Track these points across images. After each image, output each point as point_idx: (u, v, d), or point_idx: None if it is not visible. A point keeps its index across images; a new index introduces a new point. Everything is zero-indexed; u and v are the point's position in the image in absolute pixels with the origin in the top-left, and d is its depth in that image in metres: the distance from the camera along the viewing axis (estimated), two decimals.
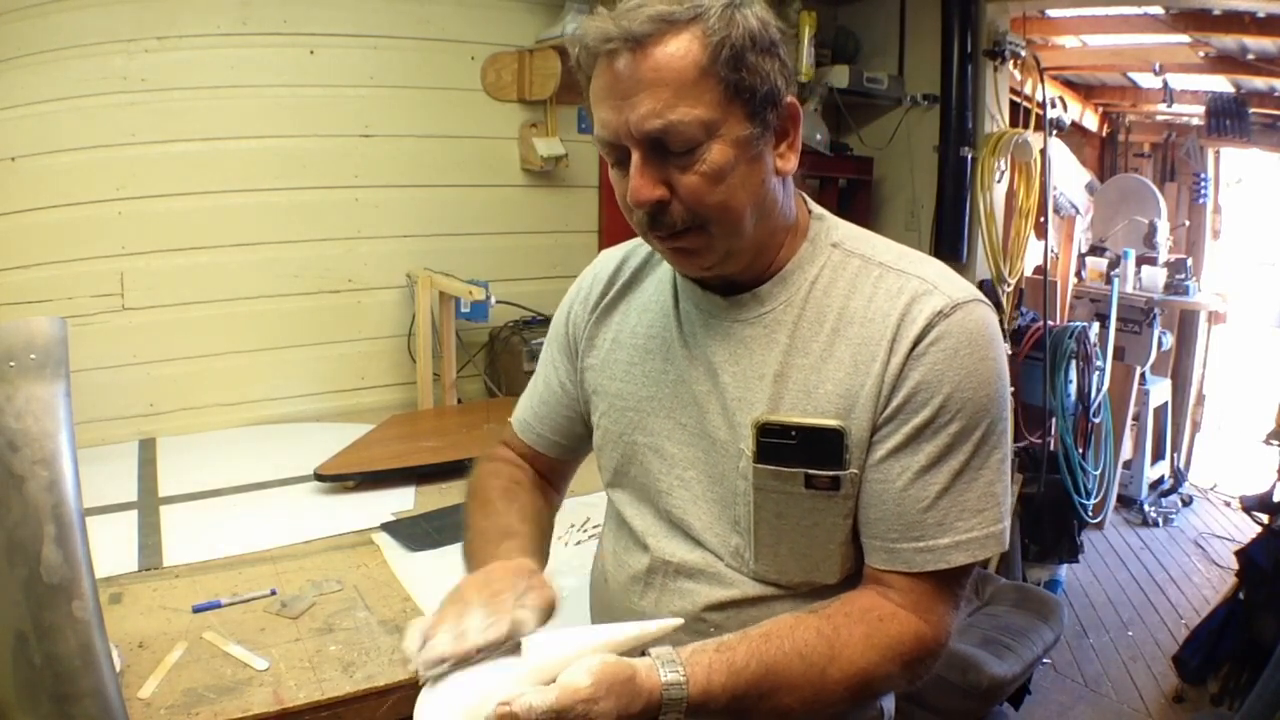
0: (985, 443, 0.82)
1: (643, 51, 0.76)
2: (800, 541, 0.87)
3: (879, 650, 0.79)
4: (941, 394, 0.80)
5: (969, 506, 0.81)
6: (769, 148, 0.83)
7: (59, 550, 0.85)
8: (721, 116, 0.77)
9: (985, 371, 0.81)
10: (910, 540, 0.82)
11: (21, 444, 0.85)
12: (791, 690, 0.76)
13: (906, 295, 0.83)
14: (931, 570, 0.82)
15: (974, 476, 0.82)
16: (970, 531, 0.81)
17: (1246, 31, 3.24)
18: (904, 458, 0.82)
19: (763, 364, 0.87)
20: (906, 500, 0.82)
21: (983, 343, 0.82)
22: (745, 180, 0.80)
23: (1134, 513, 4.29)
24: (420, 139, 2.43)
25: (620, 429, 0.98)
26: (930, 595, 0.83)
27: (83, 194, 2.05)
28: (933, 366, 0.80)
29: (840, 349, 0.84)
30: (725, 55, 0.76)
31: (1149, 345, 4.20)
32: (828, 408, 0.84)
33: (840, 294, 0.86)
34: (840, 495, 0.84)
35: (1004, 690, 2.20)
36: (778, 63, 0.80)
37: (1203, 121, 4.50)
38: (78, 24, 1.98)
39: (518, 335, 2.47)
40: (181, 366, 2.20)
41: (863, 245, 0.89)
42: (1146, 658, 3.02)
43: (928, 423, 0.81)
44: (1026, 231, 2.96)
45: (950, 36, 2.70)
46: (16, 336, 0.87)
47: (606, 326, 1.02)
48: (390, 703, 1.15)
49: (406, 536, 1.59)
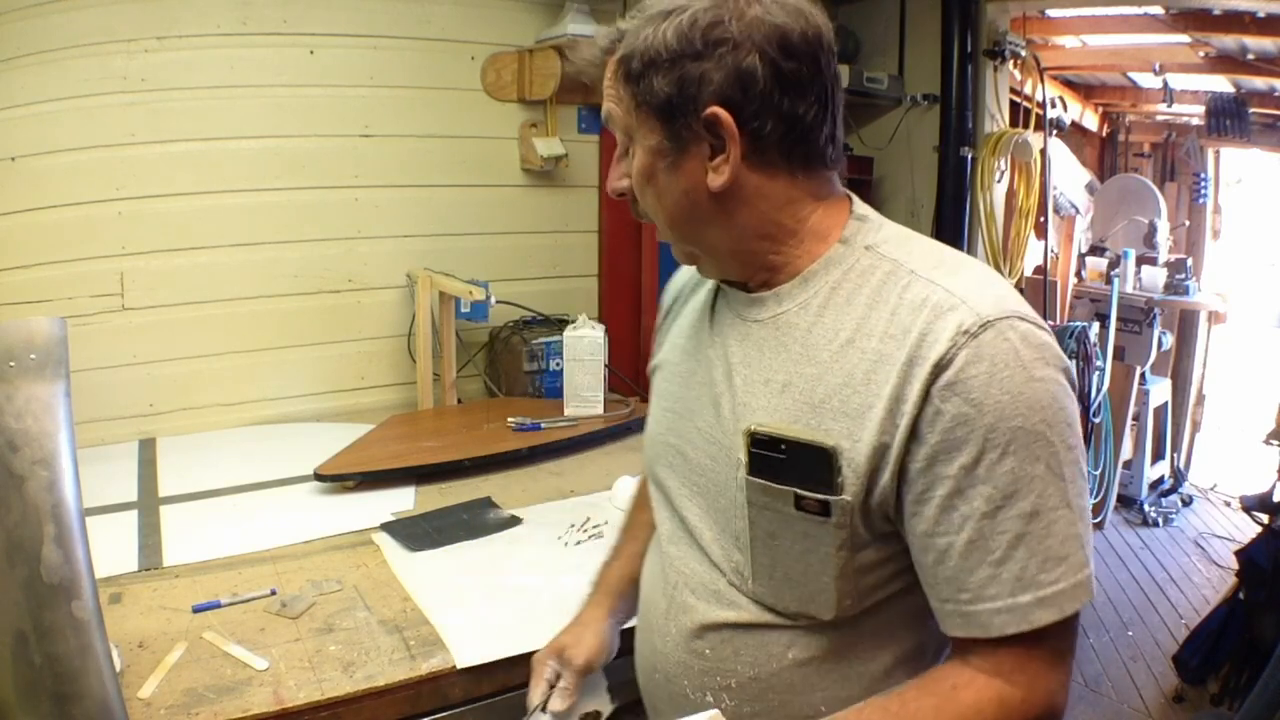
0: (1057, 478, 0.70)
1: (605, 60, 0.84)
2: (794, 567, 0.80)
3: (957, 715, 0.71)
4: (984, 425, 0.70)
5: (1052, 554, 0.70)
6: (695, 160, 0.79)
7: (59, 550, 0.85)
8: (635, 124, 0.81)
9: (1035, 395, 0.70)
10: (986, 601, 0.71)
11: (21, 444, 0.85)
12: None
13: (928, 310, 0.73)
14: (1015, 633, 0.71)
15: (1051, 519, 0.70)
16: (1056, 584, 0.70)
17: (1246, 31, 3.24)
18: (961, 506, 0.71)
19: (770, 369, 0.82)
20: (974, 555, 0.71)
21: (1028, 361, 0.70)
22: (667, 188, 0.82)
23: (1134, 513, 4.29)
24: (420, 139, 2.44)
25: (659, 430, 0.97)
26: (1019, 658, 0.72)
27: (83, 194, 2.05)
28: (968, 395, 0.70)
29: (851, 361, 0.77)
30: (624, 70, 0.80)
31: (1149, 345, 4.20)
32: (831, 425, 0.76)
33: (863, 302, 0.78)
34: (832, 523, 0.76)
35: None
36: (700, 70, 0.76)
37: (1203, 121, 4.51)
38: (78, 24, 1.98)
39: (518, 335, 2.47)
40: (181, 366, 2.20)
41: (897, 249, 0.81)
42: (1146, 658, 3.02)
43: (976, 461, 0.70)
44: (1026, 231, 2.96)
45: (950, 36, 2.70)
46: (16, 336, 0.87)
47: (672, 326, 1.02)
48: (390, 702, 1.15)
49: (406, 536, 1.59)
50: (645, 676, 0.99)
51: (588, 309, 2.62)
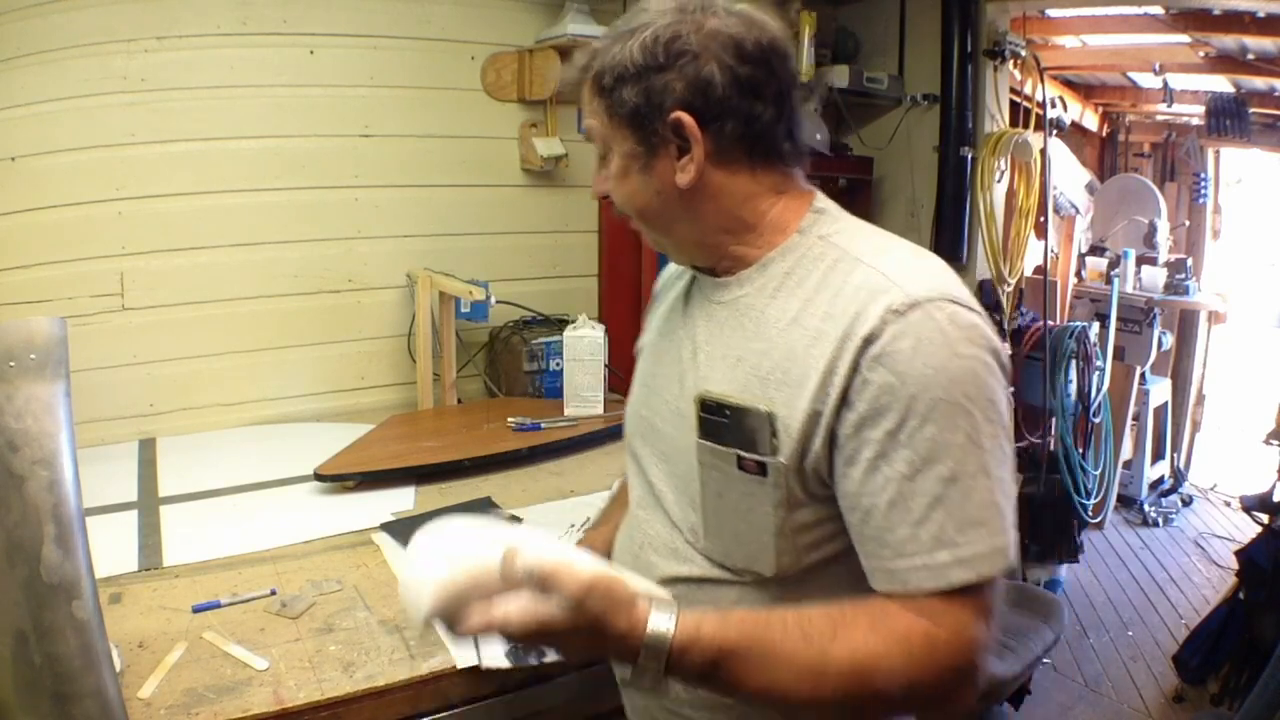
0: (976, 448, 0.76)
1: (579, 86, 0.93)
2: (740, 526, 0.87)
3: (883, 637, 0.75)
4: (906, 394, 0.75)
5: (969, 518, 0.75)
6: (664, 161, 0.88)
7: (59, 550, 0.85)
8: (611, 133, 0.90)
9: (958, 369, 0.76)
10: (906, 558, 0.76)
11: (21, 444, 0.85)
12: (788, 663, 0.74)
13: (865, 292, 0.80)
14: (933, 589, 0.75)
15: (969, 485, 0.75)
16: (972, 546, 0.75)
17: (1246, 31, 3.24)
18: (884, 468, 0.77)
19: (728, 345, 0.90)
20: (895, 515, 0.77)
21: (952, 338, 0.76)
22: (641, 189, 0.90)
23: (1134, 513, 4.29)
24: (420, 139, 2.43)
25: (635, 405, 1.06)
26: (942, 608, 0.76)
27: (83, 194, 2.05)
28: (893, 366, 0.76)
29: (794, 337, 0.84)
30: (597, 86, 0.89)
31: (1149, 345, 4.20)
32: (774, 393, 0.83)
33: (812, 285, 0.86)
34: (769, 483, 0.83)
35: (1004, 690, 2.20)
36: (664, 81, 0.84)
37: (1203, 121, 4.51)
38: (78, 24, 1.98)
39: (518, 335, 2.47)
40: (181, 366, 2.20)
41: (848, 239, 0.88)
42: (1146, 658, 3.03)
43: (898, 427, 0.76)
44: (1026, 231, 2.96)
45: (950, 36, 2.70)
46: (16, 336, 0.87)
47: (655, 314, 1.11)
48: (390, 702, 1.15)
49: (406, 536, 1.57)
50: (630, 704, 1.06)
51: (588, 309, 2.62)
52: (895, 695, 0.76)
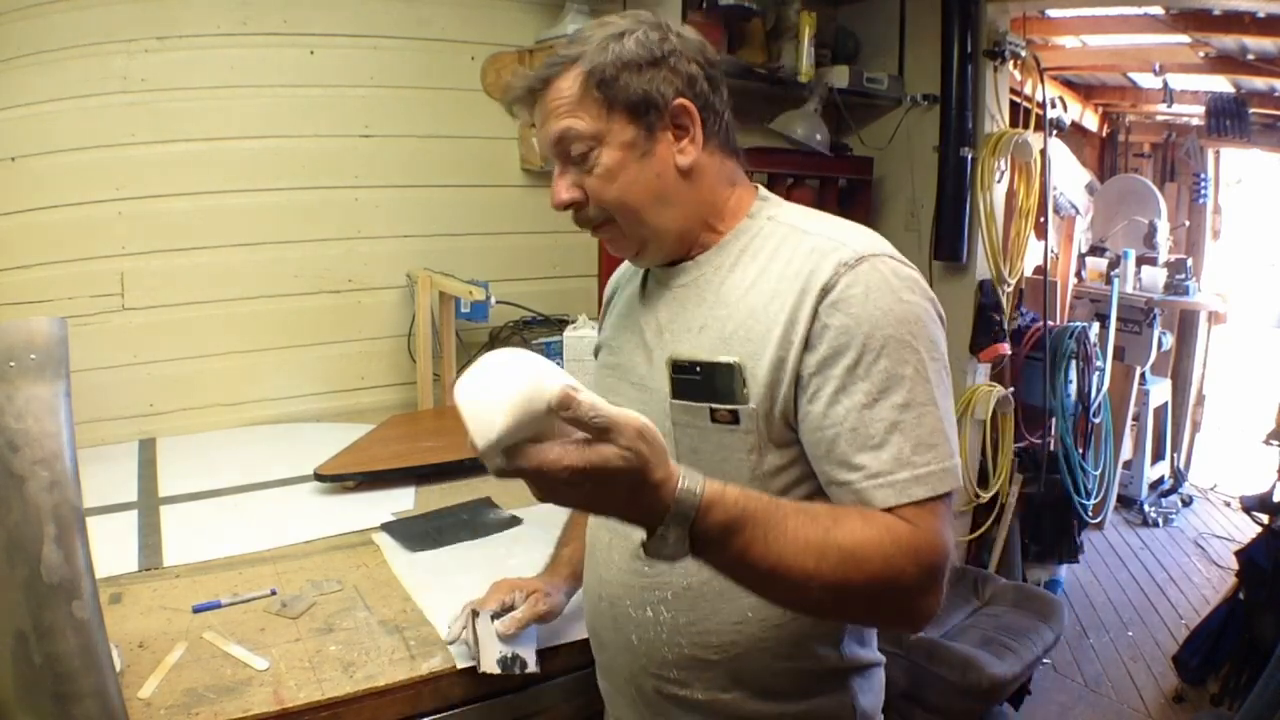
0: (923, 380, 0.86)
1: (542, 93, 0.97)
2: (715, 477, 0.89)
3: (875, 528, 0.81)
4: (861, 333, 0.85)
5: (923, 441, 0.84)
6: (664, 145, 0.96)
7: (59, 550, 0.85)
8: (605, 127, 0.95)
9: (903, 311, 0.86)
10: (869, 480, 0.84)
11: (21, 444, 0.85)
12: (795, 538, 0.78)
13: (816, 253, 0.91)
14: (895, 505, 0.83)
15: (921, 412, 0.85)
16: (928, 466, 0.84)
17: (1246, 31, 3.24)
18: (844, 400, 0.86)
19: (691, 318, 0.98)
20: (857, 440, 0.85)
21: (896, 286, 0.87)
22: (638, 176, 0.96)
23: (1134, 513, 4.30)
24: (420, 139, 2.44)
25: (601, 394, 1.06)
26: (910, 514, 0.83)
27: (83, 194, 2.05)
28: (848, 310, 0.86)
29: (753, 299, 0.93)
30: (596, 79, 0.94)
31: (1149, 345, 4.21)
32: (739, 350, 0.92)
33: (766, 256, 0.96)
34: (741, 430, 0.91)
35: (1004, 690, 2.21)
36: (662, 74, 0.94)
37: (1203, 121, 4.50)
38: (78, 24, 1.98)
39: (518, 335, 2.47)
40: (181, 366, 2.20)
41: (795, 217, 0.99)
42: (1146, 658, 3.03)
43: (856, 362, 0.85)
44: (1026, 231, 2.96)
45: (950, 36, 2.70)
46: (16, 336, 0.87)
47: (610, 314, 1.19)
48: (390, 702, 1.15)
49: (406, 536, 1.59)
50: (591, 608, 1.12)
51: (588, 309, 2.62)
52: (881, 585, 0.81)
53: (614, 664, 1.09)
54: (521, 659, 1.16)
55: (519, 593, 1.19)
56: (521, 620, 1.16)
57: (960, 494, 0.92)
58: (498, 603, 1.17)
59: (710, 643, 0.98)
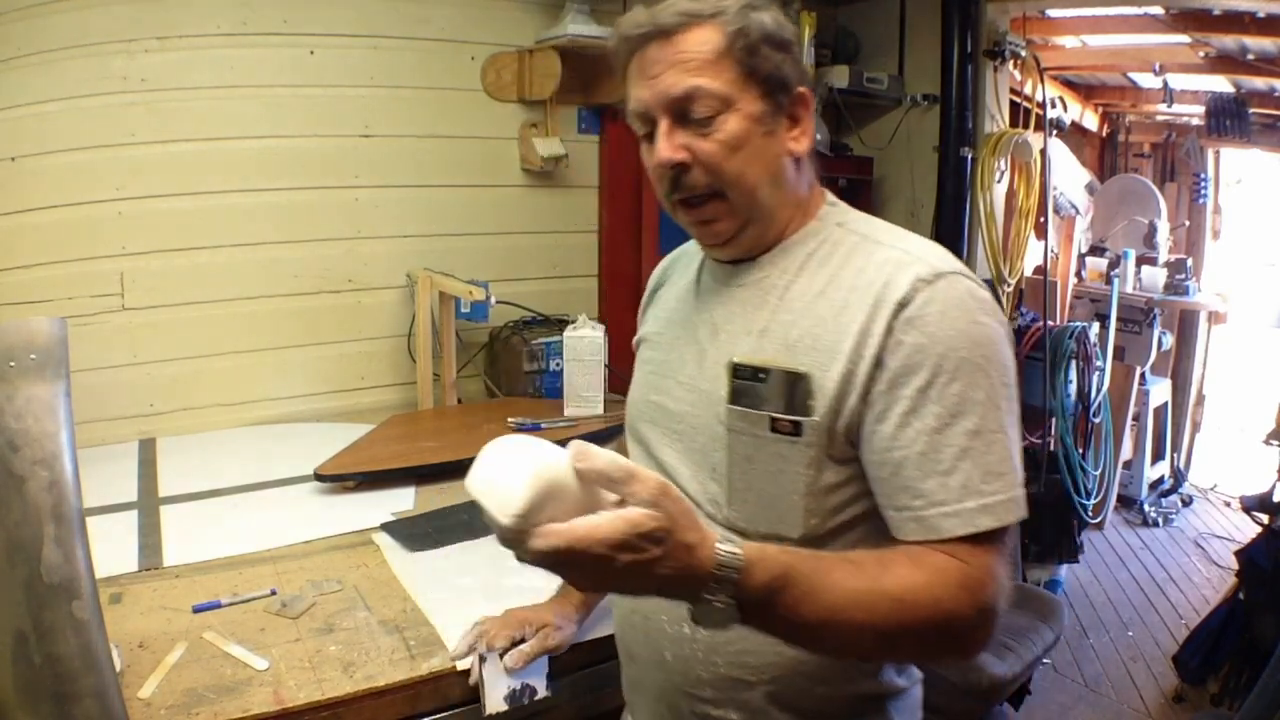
0: (995, 406, 0.82)
1: (671, 38, 0.89)
2: (767, 489, 0.89)
3: (925, 572, 0.79)
4: (935, 354, 0.82)
5: (991, 469, 0.81)
6: (782, 129, 0.93)
7: (59, 550, 0.85)
8: (737, 94, 0.89)
9: (978, 334, 0.83)
10: (936, 507, 0.81)
11: (21, 444, 0.85)
12: (843, 590, 0.75)
13: (891, 265, 0.87)
14: (962, 535, 0.80)
15: (991, 439, 0.82)
16: (995, 495, 0.81)
17: (1246, 31, 3.24)
18: (914, 422, 0.82)
19: (752, 321, 0.94)
20: (926, 465, 0.82)
21: (972, 307, 0.84)
22: (760, 152, 0.91)
23: (1134, 513, 4.29)
24: (420, 139, 2.44)
25: (642, 391, 1.08)
26: (969, 550, 0.81)
27: (83, 194, 2.05)
28: (923, 328, 0.83)
29: (822, 307, 0.89)
30: (741, 44, 0.88)
31: (1149, 345, 4.20)
32: (804, 359, 0.88)
33: (834, 264, 0.92)
34: (803, 443, 0.87)
35: (1004, 690, 2.21)
36: (789, 57, 0.92)
37: (1203, 121, 4.50)
38: (78, 24, 1.98)
39: (518, 335, 2.47)
40: (181, 366, 2.20)
41: (865, 226, 0.96)
42: (1146, 658, 3.03)
43: (928, 384, 0.82)
44: (1026, 231, 2.96)
45: (950, 36, 2.70)
46: (16, 336, 0.87)
47: (655, 308, 1.15)
48: (390, 702, 1.15)
49: (406, 536, 1.59)
50: (622, 620, 1.07)
51: (588, 309, 2.62)
52: (932, 628, 0.78)
53: (644, 679, 1.04)
54: (531, 687, 1.16)
55: (529, 627, 1.17)
56: (530, 655, 1.15)
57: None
58: (507, 639, 1.16)
59: (748, 663, 0.93)
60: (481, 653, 1.15)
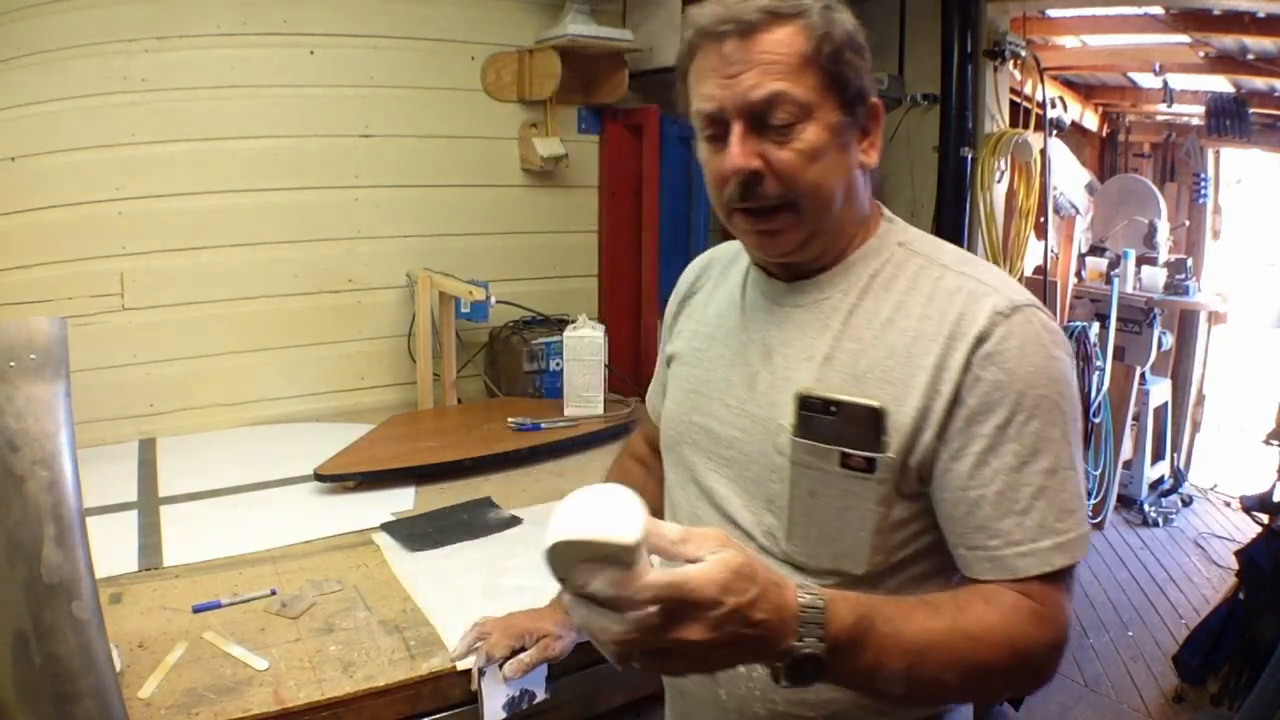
0: (1068, 443, 0.81)
1: (752, 36, 0.83)
2: (832, 524, 0.86)
3: (1000, 612, 0.77)
4: (1015, 391, 0.80)
5: (1065, 507, 0.80)
6: (855, 142, 0.89)
7: (59, 550, 0.85)
8: (819, 101, 0.84)
9: (1054, 371, 0.82)
10: (1013, 546, 0.80)
11: (21, 444, 0.85)
12: (923, 634, 0.73)
13: (964, 294, 0.85)
14: (1036, 575, 0.80)
15: (1065, 476, 0.81)
16: (1068, 532, 0.80)
17: (1246, 31, 3.24)
18: (993, 460, 0.81)
19: (813, 346, 0.90)
20: (1003, 505, 0.80)
21: (1047, 342, 0.82)
22: (836, 163, 0.87)
23: (1134, 513, 4.29)
24: (420, 139, 2.43)
25: (682, 410, 1.03)
26: (1040, 590, 0.80)
27: (83, 194, 2.05)
28: (1002, 365, 0.81)
29: (892, 337, 0.86)
30: (827, 49, 0.84)
31: (1149, 345, 4.20)
32: (875, 391, 0.84)
33: (900, 288, 0.88)
34: (875, 479, 0.84)
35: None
36: (865, 64, 0.88)
37: (1203, 121, 4.50)
38: (78, 24, 1.98)
39: (518, 335, 2.47)
40: (181, 366, 2.20)
41: (927, 246, 0.92)
42: (1146, 658, 3.03)
43: (1007, 421, 0.80)
44: (1026, 231, 2.96)
45: (950, 36, 2.70)
46: (16, 336, 0.87)
47: (688, 318, 1.09)
48: (390, 702, 1.15)
49: (406, 536, 1.59)
50: None
51: (588, 309, 2.62)
52: (1008, 667, 0.78)
53: (695, 716, 1.00)
54: (530, 693, 1.17)
55: (529, 637, 1.16)
56: (529, 666, 1.14)
57: None
58: (506, 649, 1.15)
59: (807, 699, 0.89)
60: (481, 666, 1.15)
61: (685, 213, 2.73)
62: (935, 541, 0.87)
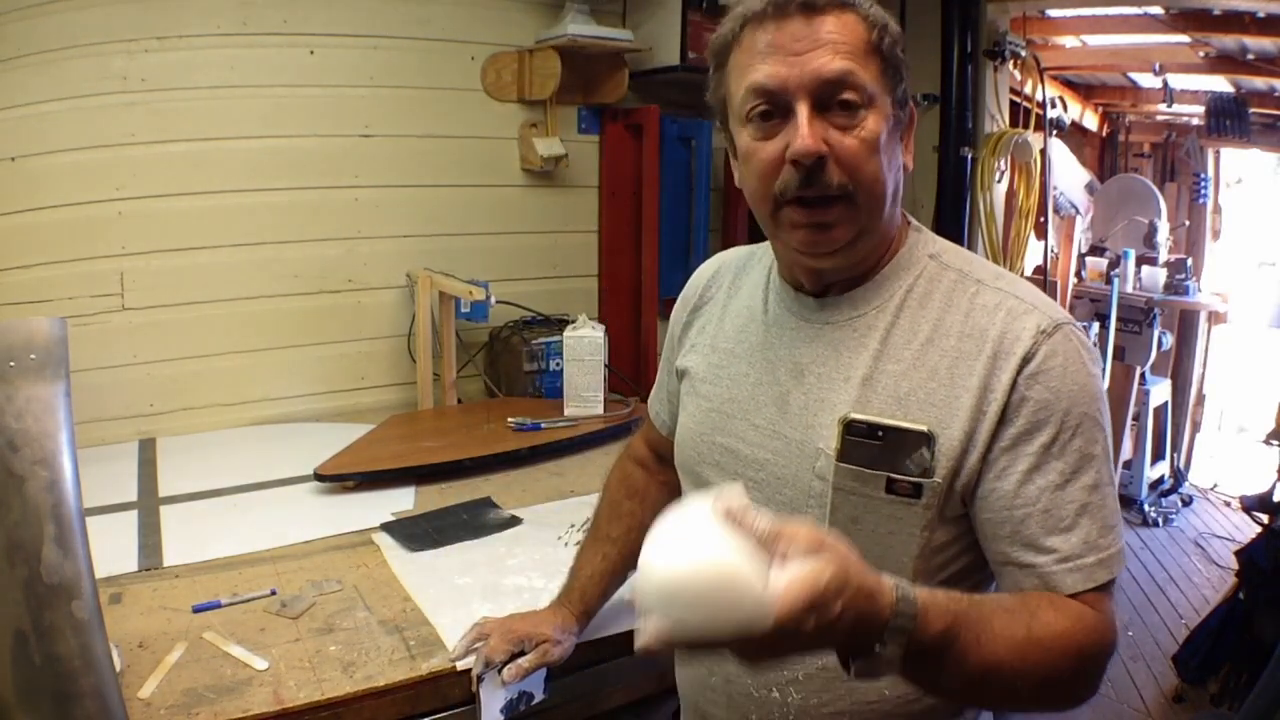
0: (1106, 459, 0.82)
1: (818, 16, 0.81)
2: (873, 550, 0.83)
3: (1066, 617, 0.77)
4: (1060, 409, 0.80)
5: (1106, 523, 0.81)
6: (899, 138, 0.87)
7: (59, 550, 0.85)
8: (880, 92, 0.83)
9: (1094, 388, 0.83)
10: (1062, 562, 0.80)
11: (21, 444, 0.85)
12: (1002, 635, 0.72)
13: (1004, 311, 0.84)
14: (1083, 590, 0.80)
15: (1105, 492, 0.82)
16: (1110, 548, 0.80)
17: (1246, 31, 3.24)
18: (1038, 479, 0.80)
19: (850, 366, 0.88)
20: (1049, 523, 0.80)
21: (1086, 359, 0.83)
22: (891, 159, 0.85)
23: (1134, 513, 4.29)
24: (420, 139, 2.43)
25: (702, 430, 1.00)
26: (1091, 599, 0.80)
27: (83, 194, 2.05)
28: (1048, 384, 0.80)
29: (933, 358, 0.84)
30: (886, 40, 0.83)
31: (1149, 345, 4.21)
32: (918, 414, 0.83)
33: (936, 305, 0.87)
34: (920, 504, 0.83)
35: None
36: (906, 65, 0.86)
37: (1203, 121, 4.51)
38: (78, 24, 1.98)
39: (518, 335, 2.47)
40: (181, 366, 2.20)
41: (959, 260, 0.90)
42: (1146, 658, 3.03)
43: (1053, 440, 0.80)
44: (1026, 231, 2.96)
45: (950, 36, 2.70)
46: (16, 336, 0.87)
47: (700, 331, 1.05)
48: (390, 702, 1.15)
49: (406, 536, 1.59)
50: (697, 682, 1.00)
51: (588, 309, 2.62)
52: (1072, 674, 0.77)
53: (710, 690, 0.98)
54: (528, 694, 1.16)
55: (528, 641, 1.15)
56: (528, 671, 1.14)
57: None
58: (505, 653, 1.14)
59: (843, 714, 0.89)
60: (480, 673, 1.14)
61: (685, 213, 2.73)
62: (972, 562, 0.87)
